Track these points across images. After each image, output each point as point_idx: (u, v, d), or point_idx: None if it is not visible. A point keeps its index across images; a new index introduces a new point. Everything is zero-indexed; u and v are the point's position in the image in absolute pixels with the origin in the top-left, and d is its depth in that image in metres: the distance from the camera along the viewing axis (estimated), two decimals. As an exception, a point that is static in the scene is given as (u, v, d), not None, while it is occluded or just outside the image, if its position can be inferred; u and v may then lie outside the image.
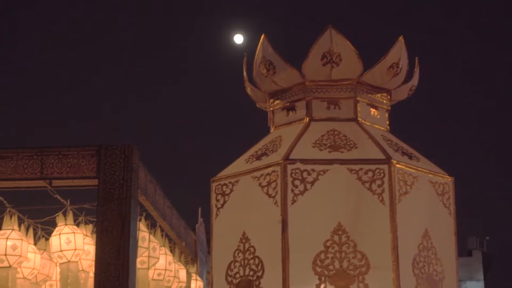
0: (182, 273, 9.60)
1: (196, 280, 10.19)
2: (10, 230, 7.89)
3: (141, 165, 7.85)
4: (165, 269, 8.83)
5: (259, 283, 3.99)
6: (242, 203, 4.16)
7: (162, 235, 9.00)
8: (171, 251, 9.33)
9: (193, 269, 10.31)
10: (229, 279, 4.10)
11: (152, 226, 8.78)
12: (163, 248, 8.84)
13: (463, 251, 30.11)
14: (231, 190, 4.22)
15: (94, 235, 7.91)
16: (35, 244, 8.48)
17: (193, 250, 10.70)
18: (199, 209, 11.21)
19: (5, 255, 7.75)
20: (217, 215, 4.25)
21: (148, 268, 8.42)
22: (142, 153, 7.86)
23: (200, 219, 11.13)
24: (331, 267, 3.92)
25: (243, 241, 4.09)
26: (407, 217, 4.01)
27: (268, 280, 3.97)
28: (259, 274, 4.00)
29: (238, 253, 4.10)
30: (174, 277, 9.22)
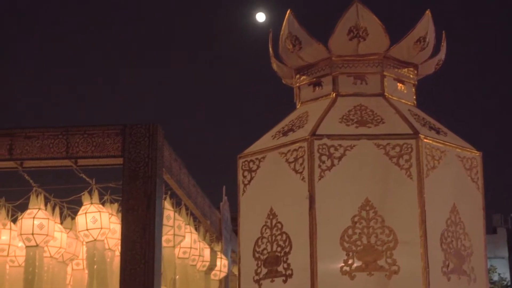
0: (207, 252, 9.63)
1: (221, 258, 10.21)
2: (37, 209, 7.94)
3: (165, 143, 7.86)
4: (190, 247, 8.86)
5: (287, 259, 3.99)
6: (269, 179, 4.16)
7: (187, 214, 9.02)
8: (195, 229, 9.35)
9: (218, 248, 10.33)
10: (257, 255, 4.11)
11: (177, 204, 8.80)
12: (188, 226, 8.87)
13: (488, 228, 29.97)
14: (258, 167, 4.21)
15: (120, 214, 7.95)
16: (61, 223, 8.53)
17: (218, 229, 10.72)
18: (223, 188, 11.22)
19: (32, 234, 7.81)
20: (244, 191, 4.25)
21: (174, 247, 8.45)
22: (166, 132, 7.88)
23: (225, 198, 11.13)
24: (358, 242, 3.91)
25: (270, 217, 4.09)
26: (435, 192, 4.00)
27: (296, 255, 3.96)
28: (287, 250, 4.00)
29: (265, 229, 4.10)
30: (199, 255, 9.25)
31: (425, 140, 4.02)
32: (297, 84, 4.51)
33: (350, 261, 3.89)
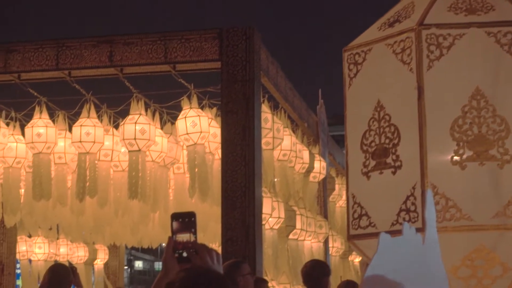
0: (305, 154, 9.68)
1: (320, 160, 10.25)
2: (138, 115, 8.09)
3: (262, 47, 7.84)
4: (290, 150, 8.92)
5: (396, 150, 3.96)
6: (375, 72, 4.10)
7: (284, 117, 9.05)
8: (293, 132, 9.38)
9: (315, 150, 10.36)
10: (365, 148, 4.09)
11: (275, 108, 8.83)
12: (287, 129, 8.90)
13: None
14: (364, 59, 4.15)
15: (218, 118, 8.02)
16: (161, 128, 8.68)
17: (315, 132, 10.73)
18: (319, 91, 11.18)
19: (134, 139, 7.97)
20: (350, 85, 4.21)
21: (273, 149, 8.51)
22: (263, 35, 7.84)
23: (321, 101, 11.11)
24: (469, 132, 3.84)
25: (378, 109, 4.05)
26: (548, 80, 3.88)
27: (405, 147, 3.93)
28: (395, 141, 3.96)
29: (373, 121, 4.06)
30: (297, 157, 9.30)
31: (538, 27, 3.89)
32: (402, -25, 4.39)
33: (460, 151, 3.83)
